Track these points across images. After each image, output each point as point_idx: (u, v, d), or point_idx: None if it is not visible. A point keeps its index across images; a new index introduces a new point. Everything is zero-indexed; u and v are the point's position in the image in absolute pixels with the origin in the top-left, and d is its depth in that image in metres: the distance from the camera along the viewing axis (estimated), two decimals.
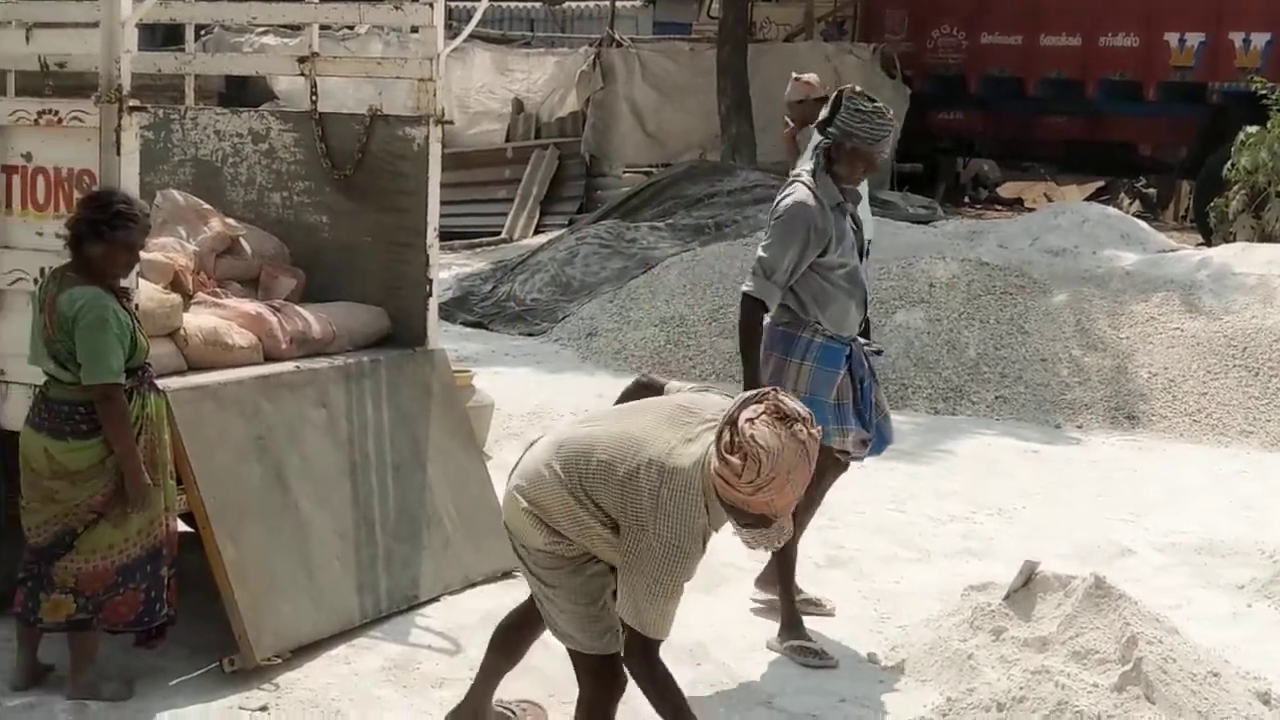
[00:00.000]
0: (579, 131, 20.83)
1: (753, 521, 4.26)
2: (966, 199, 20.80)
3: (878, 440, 6.49)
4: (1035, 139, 20.23)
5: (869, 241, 7.05)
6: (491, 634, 5.17)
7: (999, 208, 20.59)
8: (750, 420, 4.17)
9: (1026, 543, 7.35)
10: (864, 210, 9.22)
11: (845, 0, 21.06)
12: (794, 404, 4.27)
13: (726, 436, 4.19)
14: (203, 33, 19.15)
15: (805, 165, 6.37)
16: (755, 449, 4.13)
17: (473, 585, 6.87)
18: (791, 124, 10.24)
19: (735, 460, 4.16)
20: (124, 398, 5.36)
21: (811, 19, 20.75)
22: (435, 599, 6.68)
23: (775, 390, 4.35)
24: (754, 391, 4.38)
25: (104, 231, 5.33)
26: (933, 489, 8.68)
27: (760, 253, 6.18)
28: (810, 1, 21.04)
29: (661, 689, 4.49)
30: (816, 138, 10.01)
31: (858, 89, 6.26)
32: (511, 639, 5.17)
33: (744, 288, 6.18)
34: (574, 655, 4.76)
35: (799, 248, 6.10)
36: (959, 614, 6.38)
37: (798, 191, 6.20)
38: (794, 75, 10.72)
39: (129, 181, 5.67)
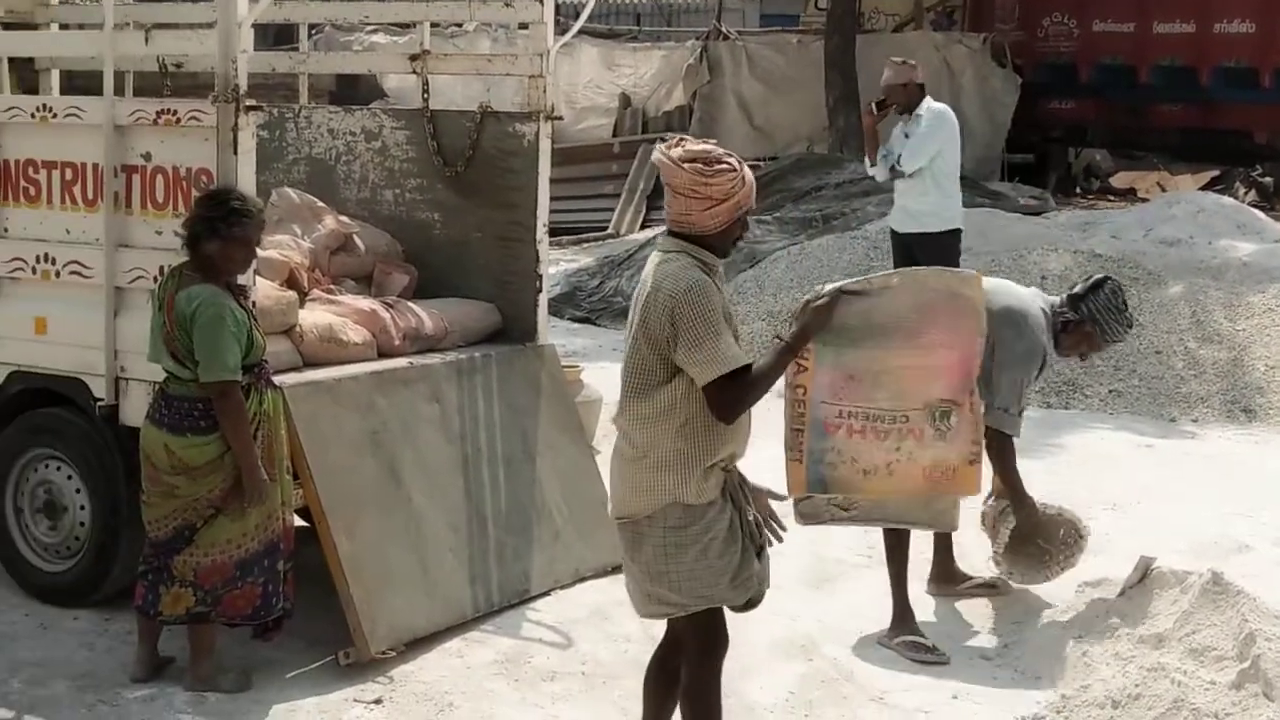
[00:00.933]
0: (686, 125, 20.82)
1: None
2: (1078, 189, 20.49)
3: None
4: (1148, 128, 19.91)
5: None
6: (644, 681, 4.97)
7: (1111, 198, 20.27)
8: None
9: (1142, 538, 7.23)
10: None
11: None
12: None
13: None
14: (314, 32, 19.35)
15: (1035, 309, 6.55)
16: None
17: (582, 579, 6.91)
18: (875, 111, 10.10)
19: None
20: (241, 395, 5.44)
21: (921, 9, 20.59)
22: (546, 593, 6.72)
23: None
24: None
25: (220, 229, 5.40)
26: (1045, 484, 8.57)
27: (1010, 392, 6.42)
28: None
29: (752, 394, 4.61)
30: (897, 129, 9.98)
31: (1120, 284, 6.63)
32: (665, 676, 4.96)
33: (998, 426, 6.36)
34: (682, 622, 4.69)
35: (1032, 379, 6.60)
36: (1073, 610, 6.32)
37: (1039, 336, 6.46)
38: (893, 59, 10.62)
39: (245, 180, 5.75)
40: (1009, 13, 20.01)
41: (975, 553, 7.11)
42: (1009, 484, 6.63)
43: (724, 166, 4.49)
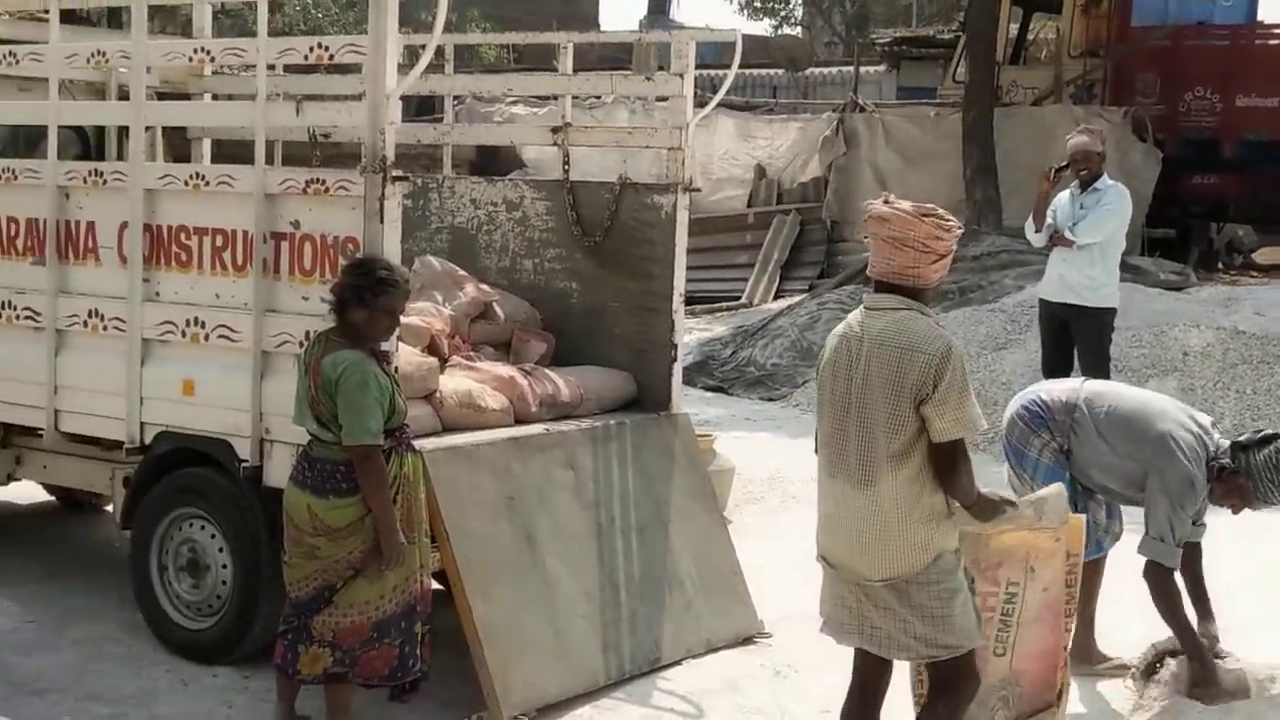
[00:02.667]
0: (821, 197, 20.85)
1: None
2: (1220, 265, 20.15)
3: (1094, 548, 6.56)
4: None
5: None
6: None
7: (1255, 274, 19.89)
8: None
9: None
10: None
11: (1095, 64, 20.68)
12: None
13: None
14: (456, 103, 19.71)
15: (1194, 439, 6.29)
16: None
17: (714, 650, 6.89)
18: (1053, 176, 9.98)
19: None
20: (382, 458, 5.52)
21: (1060, 82, 20.41)
22: (677, 662, 6.71)
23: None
24: None
25: (367, 297, 5.50)
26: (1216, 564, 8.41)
27: (1165, 520, 6.19)
28: (1059, 65, 20.72)
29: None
30: (1063, 197, 9.86)
31: None
32: None
33: (1152, 556, 6.20)
34: (942, 663, 4.88)
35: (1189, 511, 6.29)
36: None
37: (1193, 468, 6.21)
38: (1086, 126, 10.57)
39: (391, 248, 5.87)
40: (1150, 87, 19.80)
41: (1114, 630, 6.97)
42: (1173, 622, 6.28)
43: (954, 223, 4.75)
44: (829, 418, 4.90)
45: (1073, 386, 6.52)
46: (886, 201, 4.80)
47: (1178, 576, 6.33)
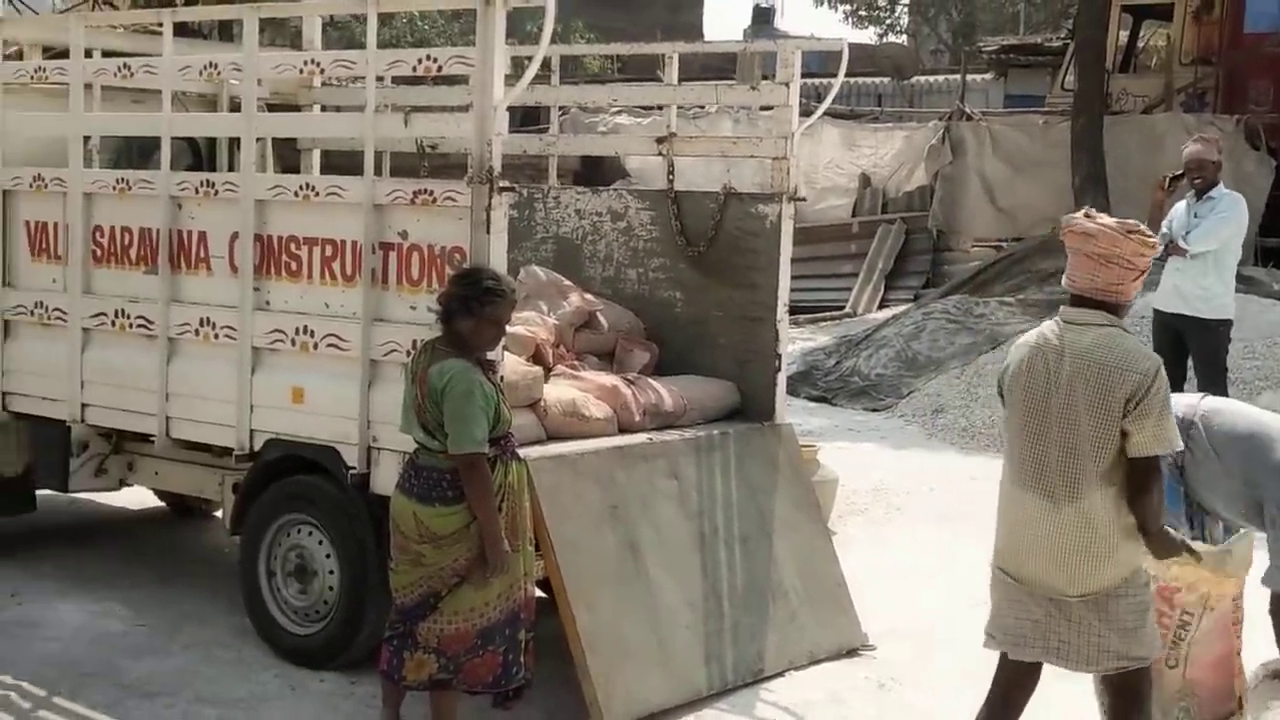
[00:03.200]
0: (926, 206, 20.72)
1: None
2: None
3: None
4: None
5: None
6: None
7: None
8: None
9: None
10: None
11: (1207, 71, 20.38)
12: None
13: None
14: (561, 114, 19.82)
15: None
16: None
17: (817, 662, 6.86)
18: (1168, 185, 9.82)
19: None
20: (487, 467, 5.54)
21: (1171, 90, 20.14)
22: (780, 674, 6.69)
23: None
24: None
25: (474, 307, 5.53)
26: None
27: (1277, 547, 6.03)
28: (1170, 72, 20.44)
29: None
30: (1179, 206, 9.69)
31: None
32: None
33: (1272, 587, 6.03)
34: (1127, 675, 4.92)
35: None
36: None
37: None
38: (1201, 135, 10.40)
39: (498, 258, 5.90)
40: (1263, 94, 19.46)
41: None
42: None
43: (1155, 239, 4.84)
44: (1023, 430, 4.92)
45: (1190, 402, 6.39)
46: (1088, 215, 4.85)
47: None
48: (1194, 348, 9.81)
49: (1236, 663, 5.68)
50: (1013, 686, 5.08)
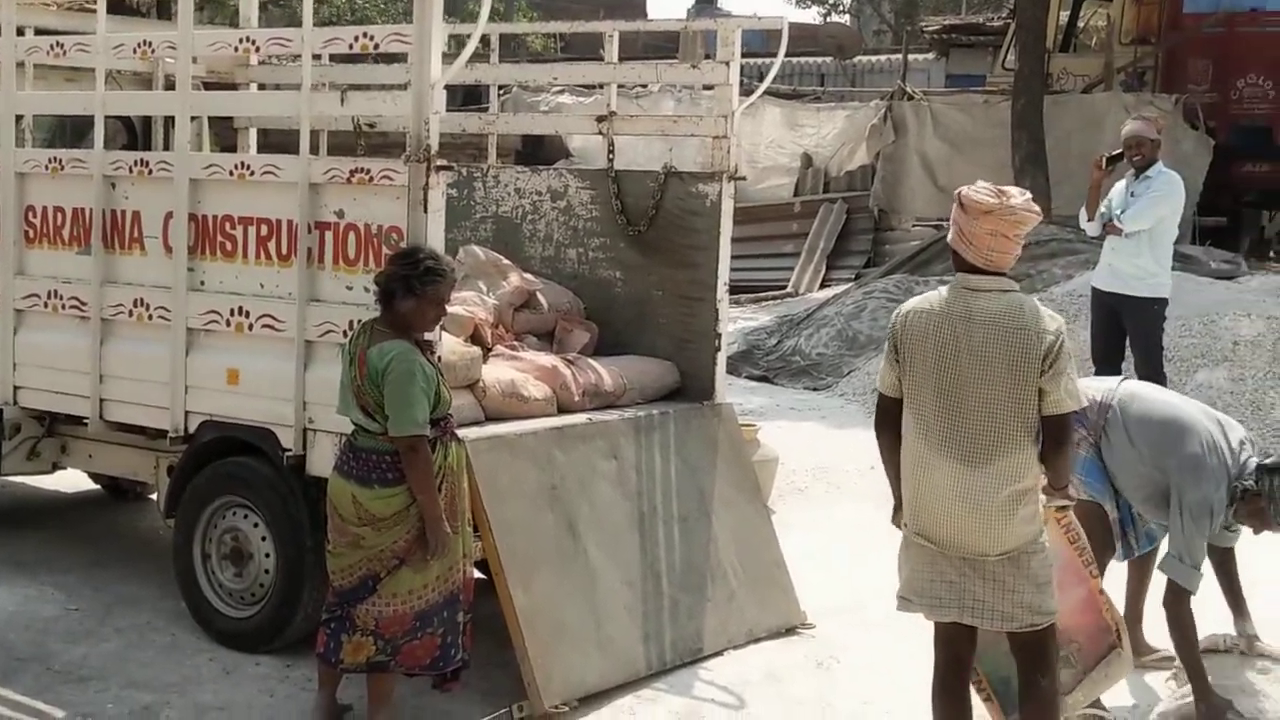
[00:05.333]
0: (868, 185, 20.78)
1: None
2: (1272, 254, 19.95)
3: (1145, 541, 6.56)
4: None
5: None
6: (939, 707, 5.17)
7: None
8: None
9: None
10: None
11: (1146, 51, 20.51)
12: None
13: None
14: (501, 92, 19.73)
15: (1219, 463, 6.12)
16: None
17: (756, 640, 6.88)
18: (1106, 165, 9.83)
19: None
20: (428, 449, 5.52)
21: (1111, 70, 20.24)
22: (719, 653, 6.69)
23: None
24: None
25: (415, 287, 5.50)
26: (1241, 557, 8.33)
27: (1182, 540, 6.05)
28: (1110, 52, 20.55)
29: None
30: (1119, 186, 9.74)
31: None
32: (959, 698, 5.21)
33: (1172, 576, 6.06)
34: (1035, 634, 5.00)
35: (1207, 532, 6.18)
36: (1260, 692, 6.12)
37: (1213, 492, 6.05)
38: (1141, 114, 10.44)
39: (435, 238, 5.86)
40: (1202, 74, 19.61)
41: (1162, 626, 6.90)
42: (1186, 657, 6.11)
43: (1037, 209, 4.98)
44: (934, 397, 4.96)
45: (1109, 386, 6.45)
46: (976, 189, 4.94)
47: (1212, 576, 6.26)
48: (1130, 326, 9.87)
49: (1100, 600, 5.71)
50: (959, 646, 5.14)
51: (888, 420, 5.17)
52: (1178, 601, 6.05)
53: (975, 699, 5.38)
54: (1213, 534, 6.10)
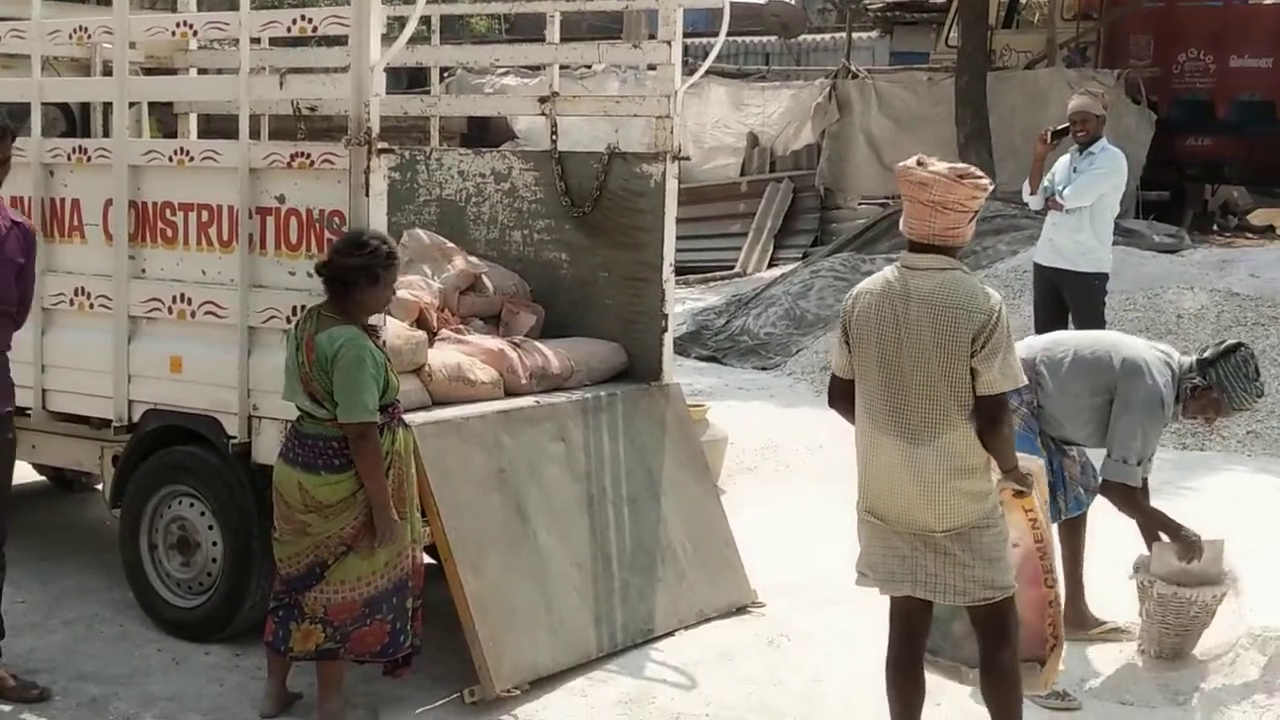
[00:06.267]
0: (814, 164, 20.82)
1: None
2: (1215, 227, 20.11)
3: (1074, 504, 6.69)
4: None
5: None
6: (894, 685, 5.20)
7: (1249, 236, 19.84)
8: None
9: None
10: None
11: (1088, 26, 20.62)
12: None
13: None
14: (445, 74, 19.62)
15: (1160, 361, 6.41)
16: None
17: (707, 620, 6.88)
18: (1050, 139, 9.87)
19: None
20: (378, 436, 5.49)
21: (1054, 46, 20.36)
22: (670, 633, 6.70)
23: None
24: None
25: (380, 275, 5.48)
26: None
27: (1130, 439, 6.27)
28: (1052, 28, 20.67)
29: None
30: (1063, 160, 9.79)
31: (1252, 352, 6.47)
32: (913, 672, 5.22)
33: (1115, 478, 6.31)
34: (993, 608, 4.99)
35: (1158, 436, 6.45)
36: (1207, 655, 6.17)
37: (1159, 387, 6.32)
38: (1087, 89, 10.51)
39: (377, 221, 5.82)
40: (1143, 49, 19.75)
41: (1106, 597, 6.96)
42: (1149, 522, 6.48)
43: (988, 181, 4.92)
44: (878, 376, 4.97)
45: (1027, 344, 6.58)
46: (920, 163, 4.89)
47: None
48: (1072, 302, 9.92)
49: (1049, 610, 5.74)
50: (913, 618, 5.17)
51: (842, 401, 5.18)
52: (1129, 499, 6.34)
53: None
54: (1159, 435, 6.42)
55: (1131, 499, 6.38)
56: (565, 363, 7.03)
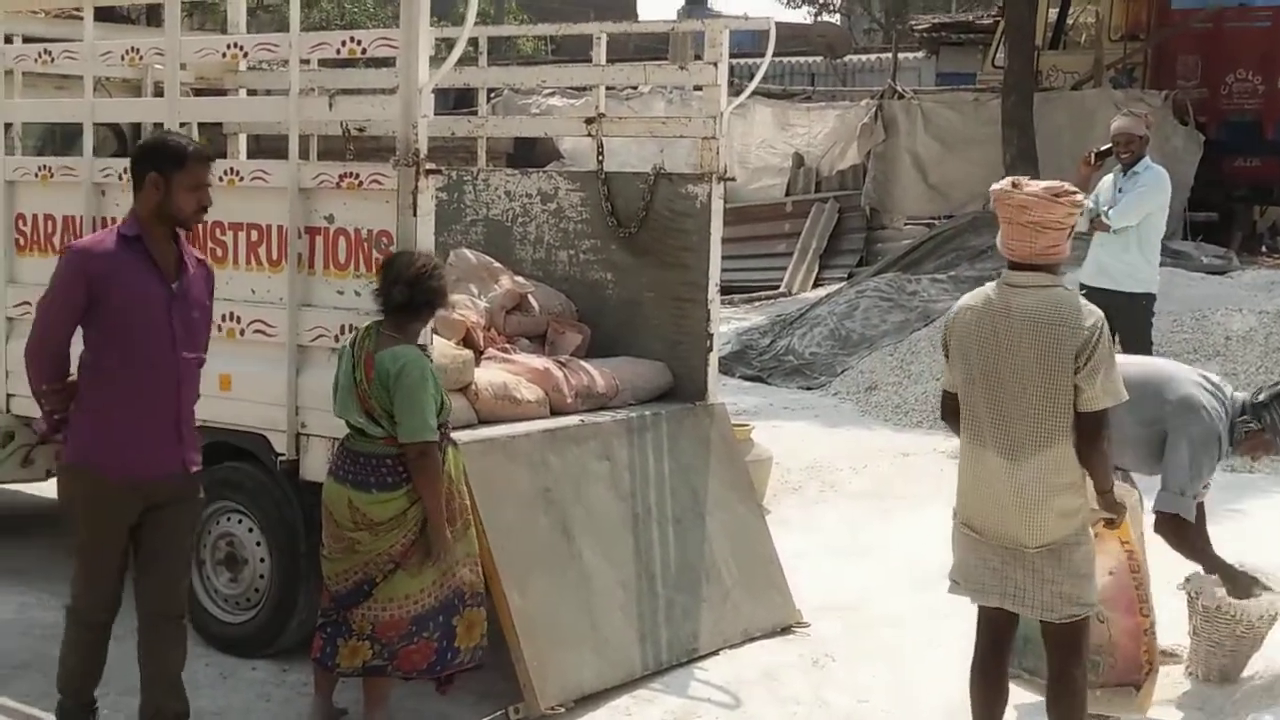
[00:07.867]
0: (859, 184, 20.78)
1: None
2: (1264, 249, 19.95)
3: None
4: None
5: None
6: (977, 688, 5.25)
7: None
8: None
9: None
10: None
11: (1135, 47, 20.53)
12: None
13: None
14: (492, 95, 19.71)
15: (1213, 399, 6.41)
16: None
17: (751, 639, 6.88)
18: (1095, 160, 9.84)
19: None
20: (439, 454, 5.52)
21: (1100, 66, 20.27)
22: (714, 652, 6.70)
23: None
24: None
25: (440, 301, 5.61)
26: (1229, 550, 8.35)
27: (1185, 474, 6.28)
28: (1099, 49, 20.58)
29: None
30: (1107, 180, 9.75)
31: None
32: (997, 678, 5.27)
33: (1168, 509, 6.30)
34: (1072, 624, 5.03)
35: (1211, 472, 6.44)
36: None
37: (1215, 424, 6.33)
38: (1130, 110, 10.48)
39: (425, 242, 5.86)
40: (1191, 69, 19.63)
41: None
42: (1201, 561, 6.47)
43: (1082, 196, 5.03)
44: (979, 391, 5.03)
45: None
46: (1016, 185, 4.94)
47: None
48: (1119, 322, 9.83)
49: (1145, 639, 5.77)
50: (1000, 630, 5.22)
51: (952, 416, 5.26)
52: (1179, 525, 6.30)
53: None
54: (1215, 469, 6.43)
55: (1184, 534, 6.35)
56: (610, 382, 7.06)
